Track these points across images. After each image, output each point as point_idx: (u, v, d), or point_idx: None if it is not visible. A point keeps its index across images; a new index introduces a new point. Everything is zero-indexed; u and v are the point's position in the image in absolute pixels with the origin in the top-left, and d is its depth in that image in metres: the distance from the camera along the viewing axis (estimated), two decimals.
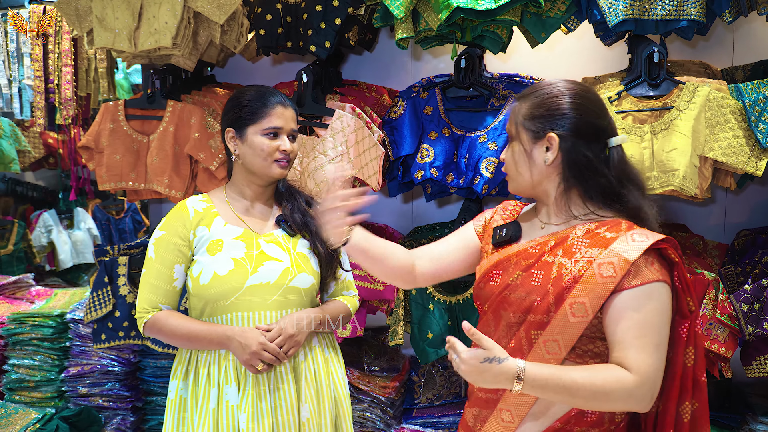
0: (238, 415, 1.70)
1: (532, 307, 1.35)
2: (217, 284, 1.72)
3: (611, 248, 1.31)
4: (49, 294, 3.32)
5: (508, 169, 1.47)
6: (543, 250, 1.40)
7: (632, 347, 1.27)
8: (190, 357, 1.80)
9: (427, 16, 2.16)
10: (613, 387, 1.26)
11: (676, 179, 2.04)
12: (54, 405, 2.90)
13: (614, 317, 1.30)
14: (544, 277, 1.36)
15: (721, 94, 2.06)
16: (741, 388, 2.53)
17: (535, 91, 1.43)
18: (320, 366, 1.82)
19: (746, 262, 2.28)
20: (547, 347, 1.33)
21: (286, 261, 1.77)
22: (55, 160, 4.66)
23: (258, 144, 1.75)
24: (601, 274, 1.30)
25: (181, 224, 1.78)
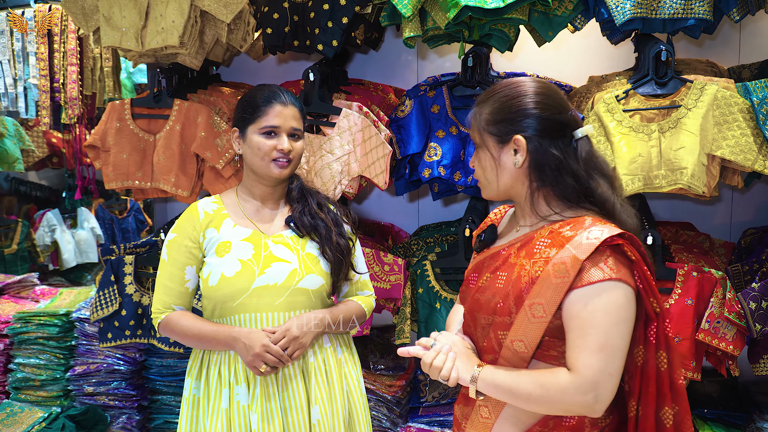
0: (249, 415, 1.70)
1: (497, 308, 1.34)
2: (225, 286, 1.72)
3: (566, 247, 1.27)
4: (54, 293, 3.32)
5: (478, 176, 1.44)
6: (509, 252, 1.39)
7: (575, 347, 1.24)
8: (203, 356, 1.80)
9: (435, 15, 2.16)
10: (551, 386, 1.24)
11: (684, 177, 2.04)
12: (60, 404, 2.90)
13: (566, 318, 1.27)
14: (506, 278, 1.35)
15: (729, 93, 2.05)
16: (748, 386, 2.52)
17: (493, 95, 1.39)
18: (332, 367, 1.81)
19: (753, 260, 2.28)
20: (515, 347, 1.31)
21: (294, 262, 1.76)
22: (59, 160, 4.65)
23: (256, 143, 1.74)
24: (555, 274, 1.26)
25: (191, 227, 1.79)
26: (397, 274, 2.43)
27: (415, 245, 2.61)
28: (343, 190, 2.38)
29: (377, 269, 2.45)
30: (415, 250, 2.59)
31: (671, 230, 2.54)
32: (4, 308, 3.17)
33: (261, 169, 1.76)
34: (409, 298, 2.45)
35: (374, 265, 2.45)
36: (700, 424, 2.36)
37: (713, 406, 2.42)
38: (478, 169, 1.44)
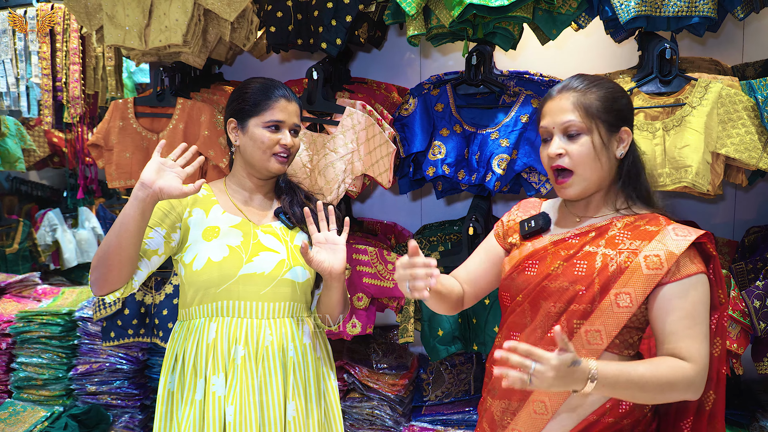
0: (225, 407, 1.66)
1: (576, 296, 1.37)
2: (211, 270, 1.69)
3: (656, 241, 1.35)
4: (56, 292, 3.32)
5: (580, 165, 1.41)
6: (584, 240, 1.42)
7: (686, 337, 1.31)
8: (177, 350, 1.76)
9: (439, 13, 2.16)
10: (677, 378, 1.29)
11: (689, 176, 2.04)
12: (62, 403, 2.90)
13: (663, 309, 1.33)
14: (588, 266, 1.38)
15: (734, 91, 2.06)
16: (751, 385, 2.53)
17: (598, 83, 1.44)
18: (310, 364, 1.79)
19: (757, 258, 2.28)
20: (589, 337, 1.35)
21: (282, 253, 1.75)
22: (60, 159, 4.65)
23: (259, 136, 1.73)
24: (647, 265, 1.34)
25: (177, 200, 1.74)
26: None
27: (418, 243, 2.61)
28: (346, 189, 2.38)
29: (380, 268, 2.45)
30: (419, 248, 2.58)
31: None
32: (6, 307, 3.17)
33: (260, 162, 1.75)
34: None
35: (378, 264, 2.45)
36: None
37: None
38: (582, 155, 1.40)
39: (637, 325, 1.38)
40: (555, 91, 1.47)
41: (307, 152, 2.39)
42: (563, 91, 1.44)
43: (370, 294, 2.47)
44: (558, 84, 1.49)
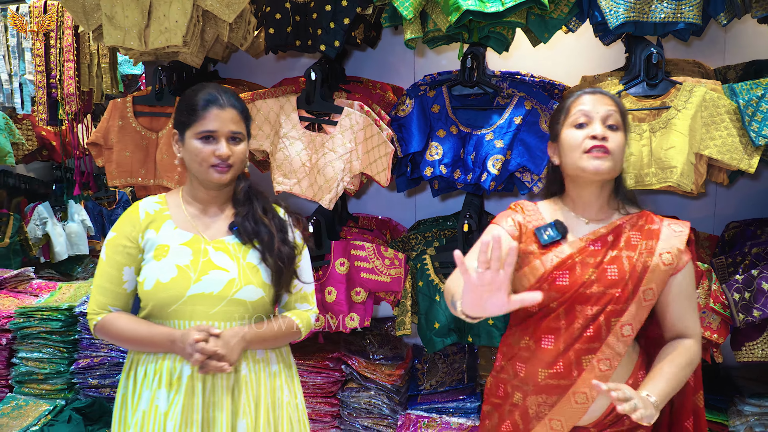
0: (166, 422, 1.64)
1: (613, 298, 1.54)
2: (159, 291, 1.65)
3: (663, 239, 1.56)
4: (52, 287, 3.34)
5: (617, 151, 1.57)
6: (605, 245, 1.58)
7: (688, 316, 1.59)
8: (132, 356, 1.75)
9: (436, 18, 2.22)
10: (692, 358, 1.57)
11: (674, 176, 2.14)
12: (63, 396, 2.95)
13: (674, 295, 1.57)
14: (619, 271, 1.55)
15: (717, 95, 2.16)
16: (729, 371, 2.66)
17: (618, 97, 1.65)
18: (263, 379, 1.74)
19: (736, 253, 2.40)
20: (623, 331, 1.54)
21: (233, 271, 1.68)
22: (49, 153, 4.65)
23: (193, 148, 1.67)
24: (663, 262, 1.55)
25: (130, 226, 1.72)
26: (397, 267, 2.51)
27: (413, 239, 2.69)
28: (345, 187, 2.45)
29: (378, 263, 2.53)
30: (414, 244, 2.67)
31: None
32: (4, 303, 3.20)
33: (200, 175, 1.69)
34: (409, 291, 2.54)
35: (375, 259, 2.52)
36: None
37: None
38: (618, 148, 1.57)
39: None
40: (590, 89, 1.63)
41: (306, 151, 2.45)
42: (599, 92, 1.62)
43: (368, 288, 2.55)
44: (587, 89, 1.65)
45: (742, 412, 2.43)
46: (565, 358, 1.56)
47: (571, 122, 1.60)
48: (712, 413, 2.46)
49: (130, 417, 1.68)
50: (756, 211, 2.75)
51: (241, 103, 1.73)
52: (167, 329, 1.65)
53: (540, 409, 1.59)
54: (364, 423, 2.71)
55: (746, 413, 2.41)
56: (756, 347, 2.25)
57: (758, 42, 2.66)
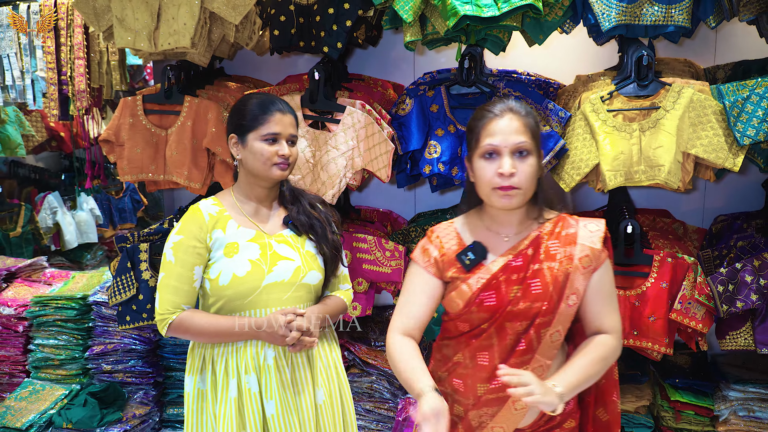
0: (263, 402, 1.84)
1: (540, 312, 1.58)
2: (237, 284, 1.83)
3: (580, 242, 1.59)
4: (65, 276, 3.46)
5: (527, 182, 1.54)
6: (526, 260, 1.60)
7: (607, 314, 1.61)
8: (204, 353, 1.90)
9: (435, 21, 2.31)
10: (609, 353, 1.59)
11: (662, 174, 2.24)
12: (78, 381, 3.08)
13: (591, 294, 1.61)
14: (542, 284, 1.58)
15: (704, 96, 2.24)
16: (716, 358, 2.77)
17: (528, 110, 1.61)
18: (328, 352, 1.98)
19: (722, 246, 2.50)
20: (552, 338, 1.59)
21: (297, 260, 1.90)
22: (58, 144, 4.74)
23: (258, 149, 1.85)
24: (583, 266, 1.58)
25: (197, 228, 1.86)
26: (397, 259, 2.62)
27: (413, 232, 2.79)
28: (347, 183, 2.55)
29: (379, 255, 2.64)
30: (414, 236, 2.77)
31: (649, 218, 2.75)
32: (19, 291, 3.32)
33: (263, 172, 1.87)
34: None
35: (376, 251, 2.63)
36: (672, 392, 2.61)
37: (684, 376, 2.66)
38: (526, 176, 1.54)
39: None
40: (498, 111, 1.57)
41: (309, 148, 2.54)
42: (508, 113, 1.56)
43: (369, 279, 2.66)
44: (498, 104, 1.60)
45: (726, 397, 2.55)
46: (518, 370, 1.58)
47: (480, 152, 1.56)
48: (698, 398, 2.58)
49: (218, 407, 1.85)
50: (744, 204, 2.85)
51: (293, 110, 1.94)
52: (250, 318, 1.84)
53: (482, 419, 1.62)
54: (365, 406, 2.84)
55: (731, 398, 2.53)
56: (739, 336, 2.35)
57: (747, 41, 2.74)
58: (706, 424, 2.56)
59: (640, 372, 2.71)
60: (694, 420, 2.56)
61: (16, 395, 3.01)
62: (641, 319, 2.33)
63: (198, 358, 1.92)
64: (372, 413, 2.83)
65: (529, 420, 1.64)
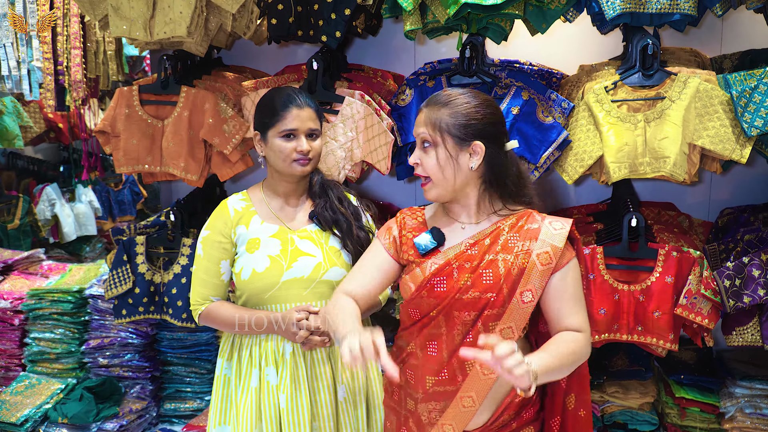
0: (278, 395, 1.87)
1: (488, 303, 1.53)
2: (256, 280, 1.88)
3: (541, 239, 1.54)
4: (62, 269, 3.43)
5: (433, 174, 1.56)
6: (482, 249, 1.56)
7: (574, 313, 1.56)
8: (234, 339, 1.97)
9: (435, 9, 2.26)
10: (578, 348, 1.53)
11: (667, 166, 2.19)
12: (75, 375, 3.05)
13: (555, 294, 1.55)
14: (494, 274, 1.53)
15: (710, 86, 2.19)
16: (722, 354, 2.73)
17: (453, 100, 1.55)
18: None
19: (729, 239, 2.45)
20: (503, 334, 1.53)
21: (318, 256, 1.90)
22: (56, 135, 4.71)
23: (277, 146, 1.87)
24: (541, 263, 1.53)
25: (222, 223, 1.93)
26: None
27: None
28: (346, 175, 2.51)
29: None
30: None
31: (654, 211, 2.71)
32: (16, 284, 3.29)
33: (284, 169, 1.89)
34: None
35: None
36: (677, 389, 2.57)
37: (689, 372, 2.62)
38: (433, 167, 1.55)
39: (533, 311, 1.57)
40: (423, 104, 1.61)
41: None
42: (426, 105, 1.58)
43: None
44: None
45: (733, 393, 2.50)
46: (449, 365, 1.56)
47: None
48: (704, 395, 2.54)
49: (240, 394, 1.90)
50: (751, 197, 2.80)
51: (315, 103, 1.93)
52: (268, 313, 1.87)
53: (431, 415, 1.59)
54: None
55: (737, 395, 2.49)
56: (746, 332, 2.31)
57: (755, 30, 2.68)
58: (711, 421, 2.52)
59: (644, 368, 2.67)
60: (700, 417, 2.53)
61: (12, 389, 2.99)
62: (646, 314, 2.29)
63: (228, 344, 1.98)
64: None
65: (480, 421, 1.59)
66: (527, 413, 1.62)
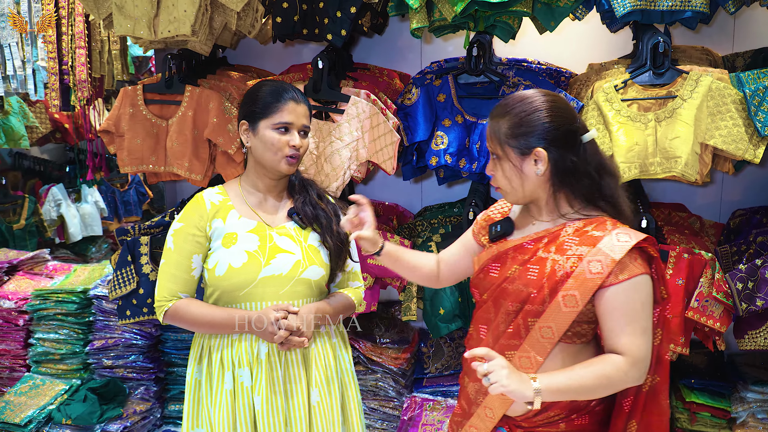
0: (253, 397, 1.79)
1: (529, 298, 1.52)
2: (232, 276, 1.78)
3: (599, 247, 1.47)
4: (67, 269, 3.42)
5: (501, 185, 1.57)
6: (537, 246, 1.55)
7: (624, 334, 1.46)
8: (203, 343, 1.87)
9: (442, 7, 2.23)
10: (612, 373, 1.44)
11: (679, 166, 2.15)
12: (79, 376, 3.03)
13: (606, 309, 1.47)
14: (539, 271, 1.52)
15: (723, 84, 2.15)
16: (733, 358, 2.68)
17: (510, 109, 1.53)
18: (328, 351, 1.89)
19: (741, 241, 2.41)
20: (542, 333, 1.50)
21: (297, 254, 1.83)
22: (62, 135, 4.71)
23: (269, 138, 1.79)
24: (590, 270, 1.46)
25: (198, 216, 1.83)
26: None
27: (419, 226, 2.72)
28: (352, 175, 2.48)
29: None
30: (420, 230, 2.70)
31: (664, 212, 2.66)
32: (21, 284, 3.28)
33: (271, 164, 1.81)
34: None
35: None
36: (687, 393, 2.52)
37: (700, 376, 2.58)
38: (501, 179, 1.56)
39: (587, 319, 1.52)
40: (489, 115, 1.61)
41: (313, 139, 2.47)
42: (489, 117, 1.58)
43: (374, 274, 2.59)
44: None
45: (744, 398, 2.45)
46: (493, 350, 1.54)
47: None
48: (715, 399, 2.49)
49: (213, 398, 1.82)
50: (763, 198, 2.75)
51: (307, 100, 1.87)
52: (243, 311, 1.79)
53: (477, 395, 1.61)
54: (370, 405, 2.77)
55: (749, 400, 2.44)
56: (759, 336, 2.26)
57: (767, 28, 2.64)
58: (722, 427, 2.47)
59: None
60: (711, 422, 2.48)
61: (16, 390, 2.97)
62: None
63: (197, 347, 1.89)
64: (377, 411, 2.77)
65: (523, 410, 1.55)
66: (580, 419, 1.57)
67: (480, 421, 1.60)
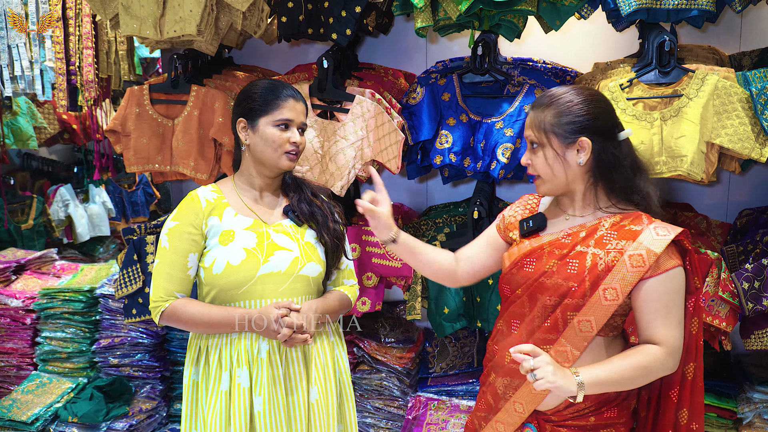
0: (252, 398, 1.77)
1: (569, 292, 1.54)
2: (231, 273, 1.76)
3: (639, 241, 1.51)
4: (74, 269, 3.44)
5: (542, 172, 1.59)
6: (575, 240, 1.58)
7: (661, 326, 1.52)
8: (200, 343, 1.84)
9: (447, 6, 2.23)
10: (650, 362, 1.50)
11: (684, 165, 2.14)
12: (86, 375, 3.05)
13: (644, 301, 1.52)
14: (579, 265, 1.54)
15: (729, 83, 2.14)
16: (740, 359, 2.66)
17: (556, 100, 1.58)
18: (327, 350, 1.89)
19: (747, 241, 2.39)
20: (581, 326, 1.53)
21: (295, 250, 1.82)
22: (70, 136, 4.74)
23: (269, 135, 1.79)
24: (632, 264, 1.50)
25: (193, 214, 1.80)
26: None
27: (424, 225, 2.72)
28: (356, 174, 2.48)
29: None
30: (425, 230, 2.70)
31: (670, 212, 2.65)
32: (28, 284, 3.30)
33: (272, 160, 1.81)
34: (419, 277, 2.57)
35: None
36: None
37: (706, 376, 2.50)
38: (542, 166, 1.59)
39: (622, 312, 1.57)
40: (529, 106, 1.65)
41: (318, 139, 2.48)
42: (531, 108, 1.62)
43: (379, 273, 2.59)
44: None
45: (751, 399, 2.44)
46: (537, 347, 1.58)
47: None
48: (721, 400, 2.48)
49: (210, 399, 1.79)
50: None
51: (304, 98, 1.88)
52: (242, 310, 1.77)
53: (506, 390, 1.63)
54: (375, 404, 2.77)
55: (755, 400, 2.42)
56: (765, 335, 2.25)
57: None
58: (729, 427, 2.46)
59: None
60: (717, 422, 2.46)
61: (23, 388, 2.99)
62: None
63: (194, 348, 1.86)
64: (381, 411, 2.77)
65: (553, 403, 1.59)
66: (610, 412, 1.60)
67: (508, 416, 1.62)
